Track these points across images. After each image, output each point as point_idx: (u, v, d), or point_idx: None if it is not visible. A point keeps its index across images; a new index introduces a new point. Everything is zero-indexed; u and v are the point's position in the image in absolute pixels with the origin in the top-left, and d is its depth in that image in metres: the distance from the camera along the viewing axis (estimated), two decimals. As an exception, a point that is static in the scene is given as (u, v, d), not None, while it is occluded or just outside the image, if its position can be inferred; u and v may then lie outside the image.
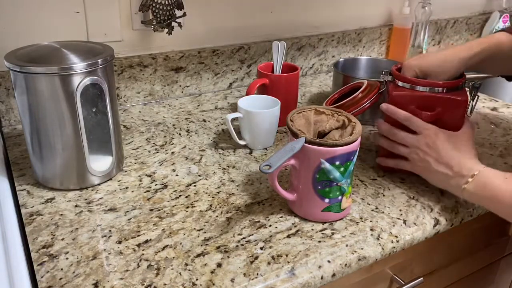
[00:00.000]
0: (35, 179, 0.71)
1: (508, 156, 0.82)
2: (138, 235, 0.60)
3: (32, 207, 0.65)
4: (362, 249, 0.59)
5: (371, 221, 0.64)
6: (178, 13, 0.96)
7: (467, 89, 0.73)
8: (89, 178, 0.69)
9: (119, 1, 0.93)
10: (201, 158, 0.79)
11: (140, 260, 0.55)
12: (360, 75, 1.06)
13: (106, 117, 0.69)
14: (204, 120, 0.94)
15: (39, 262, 0.54)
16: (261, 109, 0.80)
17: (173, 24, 0.96)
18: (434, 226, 0.65)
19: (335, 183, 0.60)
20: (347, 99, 0.83)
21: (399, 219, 0.65)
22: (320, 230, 0.61)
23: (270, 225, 0.62)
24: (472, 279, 0.88)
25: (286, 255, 0.57)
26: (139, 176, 0.73)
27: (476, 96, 0.73)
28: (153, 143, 0.84)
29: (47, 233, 0.59)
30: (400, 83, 0.72)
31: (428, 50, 1.34)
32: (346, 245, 0.59)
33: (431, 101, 0.70)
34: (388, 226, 0.63)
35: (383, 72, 0.77)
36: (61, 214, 0.63)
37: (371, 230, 0.62)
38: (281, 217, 0.64)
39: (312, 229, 0.62)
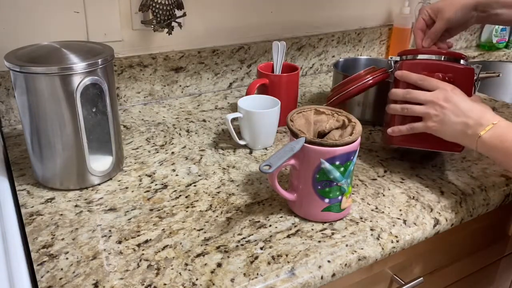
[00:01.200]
0: (35, 179, 0.71)
1: (508, 156, 0.82)
2: (138, 235, 0.60)
3: (32, 207, 0.65)
4: (362, 249, 0.59)
5: (371, 221, 0.64)
6: (178, 13, 0.96)
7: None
8: (89, 178, 0.69)
9: (119, 1, 0.93)
10: (201, 158, 0.79)
11: (140, 260, 0.55)
12: (360, 75, 1.06)
13: (106, 117, 0.69)
14: (204, 120, 0.94)
15: (39, 262, 0.55)
16: (261, 109, 0.80)
17: (173, 24, 0.96)
18: (434, 226, 0.65)
19: (335, 183, 0.60)
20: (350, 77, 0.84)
21: (399, 219, 0.65)
22: (320, 230, 0.61)
23: (270, 225, 0.62)
24: (472, 279, 0.88)
25: (286, 255, 0.57)
26: (139, 176, 0.73)
27: (479, 80, 0.74)
28: (153, 143, 0.84)
29: (47, 233, 0.59)
30: (409, 56, 0.74)
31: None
32: (346, 245, 0.59)
33: (441, 69, 0.71)
34: (388, 226, 0.63)
35: (390, 57, 0.79)
36: (61, 214, 0.63)
37: (371, 230, 0.62)
38: (281, 217, 0.64)
39: (312, 229, 0.62)
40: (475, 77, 0.72)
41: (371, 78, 0.80)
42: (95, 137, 0.69)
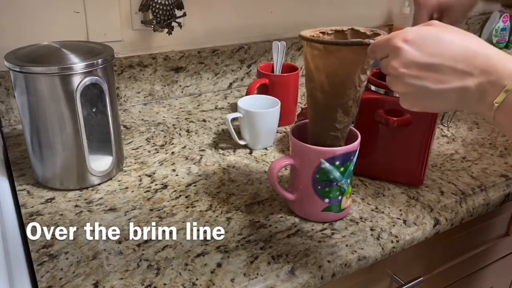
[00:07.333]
0: (35, 179, 0.71)
1: (508, 156, 0.82)
2: (138, 235, 0.60)
3: (32, 207, 0.65)
4: (362, 249, 0.59)
5: (371, 221, 0.64)
6: (178, 13, 0.96)
7: None
8: (89, 178, 0.69)
9: (119, 1, 0.93)
10: (201, 158, 0.79)
11: (140, 260, 0.55)
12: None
13: (106, 117, 0.69)
14: (204, 120, 0.94)
15: (39, 262, 0.54)
16: (261, 109, 0.80)
17: (173, 24, 0.96)
18: (434, 226, 0.65)
19: (335, 183, 0.60)
20: None
21: (399, 219, 0.65)
22: (320, 230, 0.61)
23: (270, 225, 0.62)
24: (472, 279, 0.88)
25: (286, 255, 0.57)
26: (139, 176, 0.73)
27: None
28: (153, 143, 0.84)
29: (47, 233, 0.59)
30: (372, 88, 0.70)
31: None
32: (346, 245, 0.59)
33: (400, 107, 0.67)
34: (388, 226, 0.63)
35: None
36: (61, 214, 0.63)
37: (371, 230, 0.62)
38: (281, 217, 0.64)
39: (312, 229, 0.62)
40: None
41: None
42: (95, 137, 0.69)
